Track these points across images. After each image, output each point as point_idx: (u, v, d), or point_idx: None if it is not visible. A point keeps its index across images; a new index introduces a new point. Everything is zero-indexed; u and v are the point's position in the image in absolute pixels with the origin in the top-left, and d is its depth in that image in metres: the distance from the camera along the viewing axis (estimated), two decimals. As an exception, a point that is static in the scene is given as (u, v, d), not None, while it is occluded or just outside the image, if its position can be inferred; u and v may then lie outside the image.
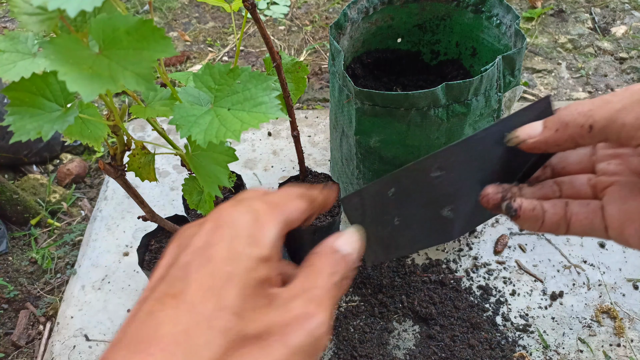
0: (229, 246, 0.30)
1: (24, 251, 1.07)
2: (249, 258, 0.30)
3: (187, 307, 0.27)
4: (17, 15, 0.40)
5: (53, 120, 0.42)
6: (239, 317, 0.28)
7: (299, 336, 0.29)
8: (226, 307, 0.28)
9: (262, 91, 0.47)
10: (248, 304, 0.29)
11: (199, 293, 0.28)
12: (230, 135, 0.45)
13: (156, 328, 0.27)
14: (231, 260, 0.30)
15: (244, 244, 0.31)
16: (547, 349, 0.83)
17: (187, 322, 0.27)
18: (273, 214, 0.33)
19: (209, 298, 0.28)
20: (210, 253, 0.30)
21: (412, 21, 0.95)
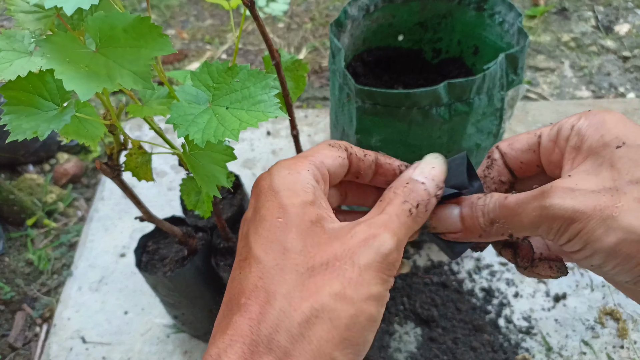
0: (274, 203, 0.34)
1: (21, 252, 1.06)
2: (294, 206, 0.33)
3: (256, 262, 0.32)
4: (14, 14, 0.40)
5: (49, 120, 0.41)
6: (303, 254, 0.32)
7: (365, 254, 0.32)
8: (289, 250, 0.32)
9: (261, 90, 0.47)
10: (308, 241, 0.32)
11: (262, 248, 0.33)
12: (229, 134, 0.44)
13: (239, 285, 0.32)
14: (280, 213, 0.33)
15: (285, 197, 0.34)
16: (550, 351, 0.82)
17: (259, 273, 0.32)
18: (303, 164, 0.36)
19: (272, 248, 0.32)
20: (261, 215, 0.34)
21: (414, 19, 0.94)
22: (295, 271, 0.31)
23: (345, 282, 0.31)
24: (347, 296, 0.30)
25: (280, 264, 0.32)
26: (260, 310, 0.30)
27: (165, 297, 0.77)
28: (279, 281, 0.31)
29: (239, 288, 0.32)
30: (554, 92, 1.30)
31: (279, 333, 0.30)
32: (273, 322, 0.30)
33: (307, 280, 0.31)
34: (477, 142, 0.79)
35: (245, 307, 0.31)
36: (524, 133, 0.39)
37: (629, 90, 1.28)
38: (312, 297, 0.30)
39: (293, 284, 0.31)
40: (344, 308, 0.30)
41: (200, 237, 0.76)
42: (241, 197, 0.82)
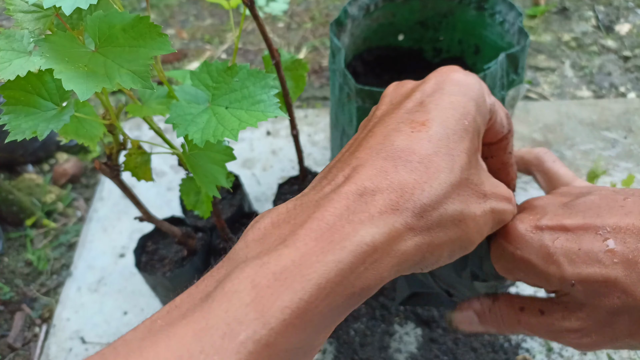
0: (465, 103, 0.36)
1: (20, 252, 1.05)
2: (477, 123, 0.36)
3: (437, 134, 0.34)
4: (13, 13, 0.40)
5: (48, 120, 0.41)
6: (468, 164, 0.35)
7: (499, 205, 0.37)
8: (464, 150, 0.34)
9: (261, 89, 0.47)
10: (473, 158, 0.35)
11: (444, 127, 0.34)
12: (228, 134, 0.44)
13: (410, 143, 0.33)
14: (467, 117, 0.35)
15: (475, 110, 0.36)
16: (551, 352, 0.82)
17: (438, 147, 0.33)
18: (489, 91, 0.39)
19: (453, 136, 0.34)
20: (450, 100, 0.36)
21: (414, 18, 0.94)
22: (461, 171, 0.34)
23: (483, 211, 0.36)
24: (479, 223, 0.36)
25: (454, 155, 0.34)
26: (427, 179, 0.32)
27: (164, 297, 0.77)
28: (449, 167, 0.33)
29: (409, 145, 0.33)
30: (554, 92, 1.29)
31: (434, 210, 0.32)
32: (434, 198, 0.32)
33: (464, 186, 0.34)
34: (478, 142, 0.78)
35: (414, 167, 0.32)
36: None
37: (629, 90, 1.28)
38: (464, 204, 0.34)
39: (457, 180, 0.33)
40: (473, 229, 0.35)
41: (199, 238, 0.75)
42: (241, 197, 0.82)
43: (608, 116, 1.17)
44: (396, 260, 0.31)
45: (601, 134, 1.13)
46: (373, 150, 0.33)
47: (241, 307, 0.26)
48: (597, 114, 1.18)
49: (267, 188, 1.09)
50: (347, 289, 0.29)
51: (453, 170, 0.33)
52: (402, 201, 0.31)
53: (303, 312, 0.27)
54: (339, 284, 0.28)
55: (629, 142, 1.11)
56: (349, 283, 0.29)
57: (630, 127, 1.14)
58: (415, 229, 0.31)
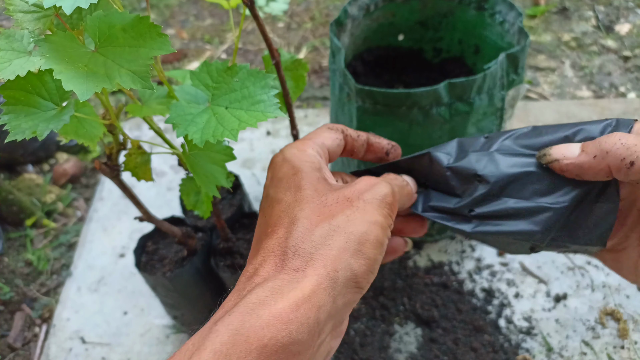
0: (287, 167, 0.42)
1: (20, 252, 1.05)
2: (305, 165, 0.41)
3: (277, 202, 0.40)
4: (13, 13, 0.39)
5: (48, 120, 0.41)
6: (317, 194, 0.39)
7: (368, 194, 0.40)
8: (305, 189, 0.40)
9: (261, 89, 0.47)
10: (320, 187, 0.40)
11: (281, 193, 0.40)
12: (228, 134, 0.44)
13: (265, 222, 0.40)
14: (294, 171, 0.41)
15: (297, 162, 0.42)
16: (551, 352, 0.82)
17: (283, 207, 0.39)
18: (307, 144, 0.44)
19: (290, 192, 0.40)
20: (278, 176, 0.42)
21: (414, 18, 0.94)
22: (312, 203, 0.38)
23: (354, 209, 0.38)
24: (357, 218, 0.37)
25: (298, 199, 0.39)
26: (285, 230, 0.37)
27: (164, 297, 0.77)
28: (299, 209, 0.38)
29: (265, 224, 0.39)
30: (554, 92, 1.29)
31: (304, 242, 0.36)
32: (298, 236, 0.36)
33: (322, 208, 0.38)
34: (478, 142, 0.78)
35: (273, 232, 0.38)
36: None
37: (629, 90, 1.28)
38: (329, 219, 0.37)
39: (311, 211, 0.38)
40: (356, 226, 0.37)
41: (199, 238, 0.75)
42: (241, 197, 0.82)
43: (608, 116, 1.17)
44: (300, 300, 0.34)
45: (601, 134, 1.13)
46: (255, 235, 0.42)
47: None
48: (597, 114, 1.18)
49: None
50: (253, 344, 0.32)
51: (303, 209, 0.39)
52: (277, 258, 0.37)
53: None
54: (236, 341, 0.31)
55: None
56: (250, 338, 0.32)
57: (630, 127, 1.14)
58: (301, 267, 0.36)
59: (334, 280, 0.35)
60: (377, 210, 0.39)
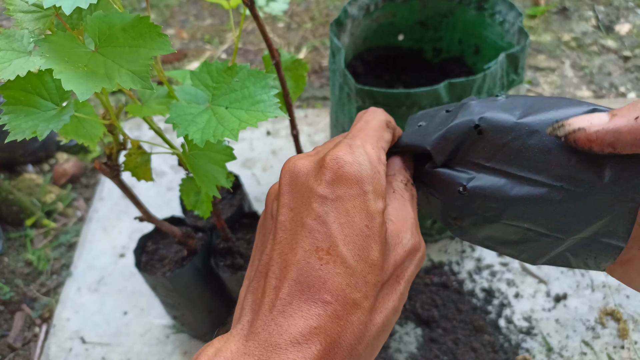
0: (362, 203, 0.32)
1: (20, 252, 1.05)
2: (379, 213, 0.33)
3: (342, 262, 0.31)
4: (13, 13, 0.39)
5: (48, 120, 0.41)
6: (382, 270, 0.32)
7: (411, 269, 0.34)
8: (373, 264, 0.32)
9: (261, 89, 0.47)
10: (381, 257, 0.32)
11: (348, 250, 0.31)
12: (228, 134, 0.44)
13: (323, 280, 0.31)
14: (368, 219, 0.32)
15: (372, 199, 0.33)
16: (551, 352, 0.82)
17: (347, 278, 0.31)
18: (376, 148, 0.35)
19: (358, 255, 0.31)
20: (346, 208, 0.32)
21: (414, 18, 0.94)
22: (375, 287, 0.32)
23: (399, 295, 0.33)
24: (399, 309, 0.33)
25: (366, 277, 0.31)
26: (342, 315, 0.30)
27: (164, 297, 0.77)
28: (362, 297, 0.31)
29: (323, 283, 0.31)
30: (554, 92, 1.29)
31: (360, 343, 0.31)
32: (356, 331, 0.31)
33: (380, 292, 0.33)
34: (478, 142, 0.78)
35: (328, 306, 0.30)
36: None
37: (629, 90, 1.28)
38: (383, 313, 0.32)
39: (372, 301, 0.32)
40: (394, 321, 0.33)
41: (199, 238, 0.75)
42: (241, 197, 0.82)
43: (608, 116, 1.17)
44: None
45: (601, 134, 1.13)
46: (292, 287, 0.31)
47: None
48: (597, 114, 1.18)
49: (267, 188, 1.08)
50: None
51: (367, 297, 0.31)
52: (331, 349, 0.30)
53: None
54: None
55: (629, 142, 1.11)
56: None
57: (630, 127, 1.14)
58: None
59: None
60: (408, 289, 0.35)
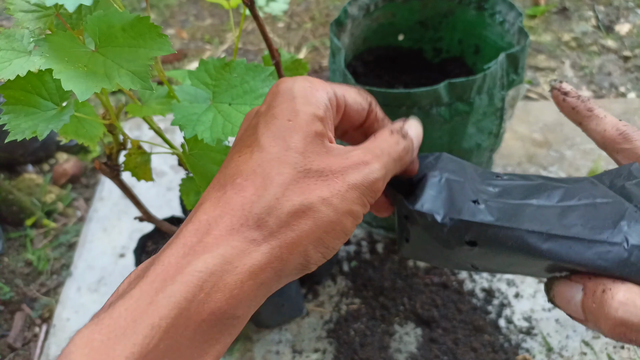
0: (288, 106, 0.36)
1: (20, 252, 1.05)
2: (306, 114, 0.36)
3: (259, 150, 0.34)
4: (14, 13, 0.39)
5: (48, 119, 0.41)
6: (303, 156, 0.34)
7: (356, 176, 0.35)
8: (292, 148, 0.34)
9: (261, 82, 0.47)
10: (309, 148, 0.35)
11: (268, 140, 0.35)
12: (237, 130, 0.44)
13: (237, 167, 0.34)
14: (292, 116, 0.35)
15: (300, 104, 0.36)
16: (551, 352, 0.82)
17: (261, 160, 0.34)
18: (324, 85, 0.38)
19: (277, 142, 0.34)
20: (273, 112, 0.36)
21: (414, 18, 0.94)
22: (294, 167, 0.34)
23: (334, 192, 0.34)
24: (332, 204, 0.34)
25: (281, 157, 0.34)
26: (254, 192, 0.33)
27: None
28: (277, 171, 0.33)
29: (236, 169, 0.34)
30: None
31: (269, 216, 0.32)
32: (265, 205, 0.32)
33: (301, 178, 0.34)
34: (478, 142, 0.78)
35: (241, 187, 0.33)
36: None
37: (629, 90, 1.28)
38: (304, 195, 0.33)
39: (289, 178, 0.33)
40: (327, 213, 0.34)
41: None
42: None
43: (608, 116, 1.17)
44: (246, 275, 0.31)
45: (601, 134, 1.13)
46: (211, 185, 0.35)
47: None
48: (597, 114, 1.18)
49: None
50: (193, 319, 0.30)
51: (282, 172, 0.33)
52: (235, 220, 0.32)
53: (143, 357, 0.28)
54: (178, 316, 0.29)
55: (629, 142, 1.11)
56: (191, 313, 0.30)
57: (630, 127, 1.14)
58: (258, 239, 0.32)
59: (285, 263, 0.33)
60: (357, 199, 0.35)
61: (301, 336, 0.85)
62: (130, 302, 0.29)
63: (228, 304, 0.31)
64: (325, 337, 0.85)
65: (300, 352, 0.83)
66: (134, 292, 0.30)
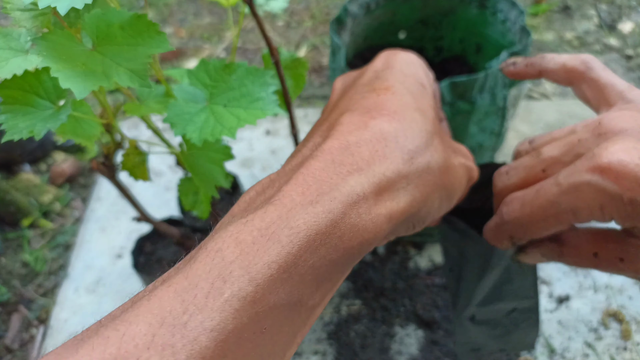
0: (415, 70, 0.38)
1: (17, 253, 1.05)
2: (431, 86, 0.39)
3: (400, 96, 0.34)
4: (10, 12, 0.39)
5: (46, 119, 0.41)
6: (438, 123, 0.36)
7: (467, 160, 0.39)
8: (429, 109, 0.35)
9: (259, 87, 0.46)
10: (437, 116, 0.37)
11: (407, 91, 0.35)
12: (227, 132, 0.44)
13: (381, 102, 0.33)
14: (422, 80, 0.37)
15: (423, 74, 0.39)
16: (553, 353, 0.81)
17: (403, 103, 0.34)
18: None
19: (418, 98, 0.35)
20: (402, 70, 0.37)
21: (415, 16, 0.93)
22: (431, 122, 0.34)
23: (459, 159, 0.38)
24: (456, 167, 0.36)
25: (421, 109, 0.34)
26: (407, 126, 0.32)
27: (163, 299, 0.76)
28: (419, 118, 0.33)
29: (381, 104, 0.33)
30: (556, 91, 1.29)
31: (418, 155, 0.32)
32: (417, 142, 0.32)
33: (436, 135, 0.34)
34: (480, 141, 0.78)
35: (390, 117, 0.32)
36: None
37: (631, 89, 1.28)
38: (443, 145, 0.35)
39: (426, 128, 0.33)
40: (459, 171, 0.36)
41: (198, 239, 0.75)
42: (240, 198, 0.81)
43: (610, 116, 1.16)
44: (390, 210, 0.30)
45: (603, 134, 1.12)
46: (347, 110, 0.33)
47: (225, 265, 0.25)
48: (599, 113, 1.17)
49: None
50: (343, 242, 0.28)
51: (426, 121, 0.33)
52: (388, 149, 0.30)
53: (292, 265, 0.26)
54: (331, 236, 0.27)
55: (631, 142, 1.10)
56: (342, 235, 0.27)
57: (632, 127, 1.13)
58: (407, 175, 0.31)
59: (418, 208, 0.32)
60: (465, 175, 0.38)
61: (301, 338, 0.85)
62: (282, 209, 0.27)
63: (373, 236, 0.29)
64: (326, 339, 0.84)
65: (300, 354, 0.83)
66: (284, 200, 0.28)
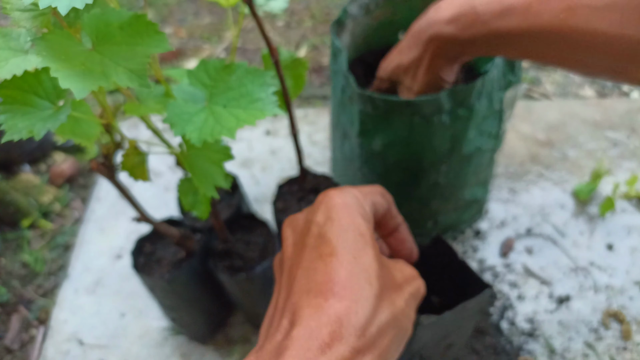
0: (352, 219, 0.40)
1: (16, 253, 1.04)
2: (369, 229, 0.40)
3: (347, 260, 0.37)
4: (10, 12, 0.39)
5: (45, 119, 0.41)
6: (380, 269, 0.38)
7: (412, 286, 0.42)
8: (372, 263, 0.38)
9: (259, 87, 0.46)
10: (379, 263, 0.39)
11: (348, 252, 0.38)
12: (226, 133, 0.44)
13: (329, 276, 0.36)
14: (359, 229, 0.39)
15: (360, 220, 0.40)
16: (554, 354, 0.81)
17: (349, 271, 0.36)
18: (365, 196, 0.43)
19: (359, 255, 0.38)
20: (341, 224, 0.39)
21: (415, 16, 0.93)
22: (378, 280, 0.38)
23: (404, 302, 0.39)
24: (405, 313, 0.39)
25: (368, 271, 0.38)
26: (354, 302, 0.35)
27: (162, 299, 0.76)
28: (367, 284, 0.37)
29: (329, 278, 0.36)
30: (557, 91, 1.29)
31: (371, 326, 0.35)
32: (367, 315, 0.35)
33: (385, 290, 0.38)
34: (479, 145, 0.78)
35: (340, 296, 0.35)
36: None
37: (632, 90, 1.28)
38: (392, 305, 0.38)
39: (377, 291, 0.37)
40: (404, 321, 0.39)
41: (197, 239, 0.74)
42: (239, 198, 0.81)
43: (611, 116, 1.16)
44: None
45: (604, 134, 1.12)
46: (303, 292, 0.37)
47: None
48: (600, 113, 1.17)
49: (266, 189, 1.08)
50: None
51: (372, 283, 0.37)
52: (344, 329, 0.34)
53: None
54: None
55: (632, 142, 1.10)
56: None
57: (633, 127, 1.13)
58: (363, 349, 0.34)
59: None
60: (414, 306, 0.41)
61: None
62: None
63: None
64: (326, 339, 0.84)
65: None
66: None
